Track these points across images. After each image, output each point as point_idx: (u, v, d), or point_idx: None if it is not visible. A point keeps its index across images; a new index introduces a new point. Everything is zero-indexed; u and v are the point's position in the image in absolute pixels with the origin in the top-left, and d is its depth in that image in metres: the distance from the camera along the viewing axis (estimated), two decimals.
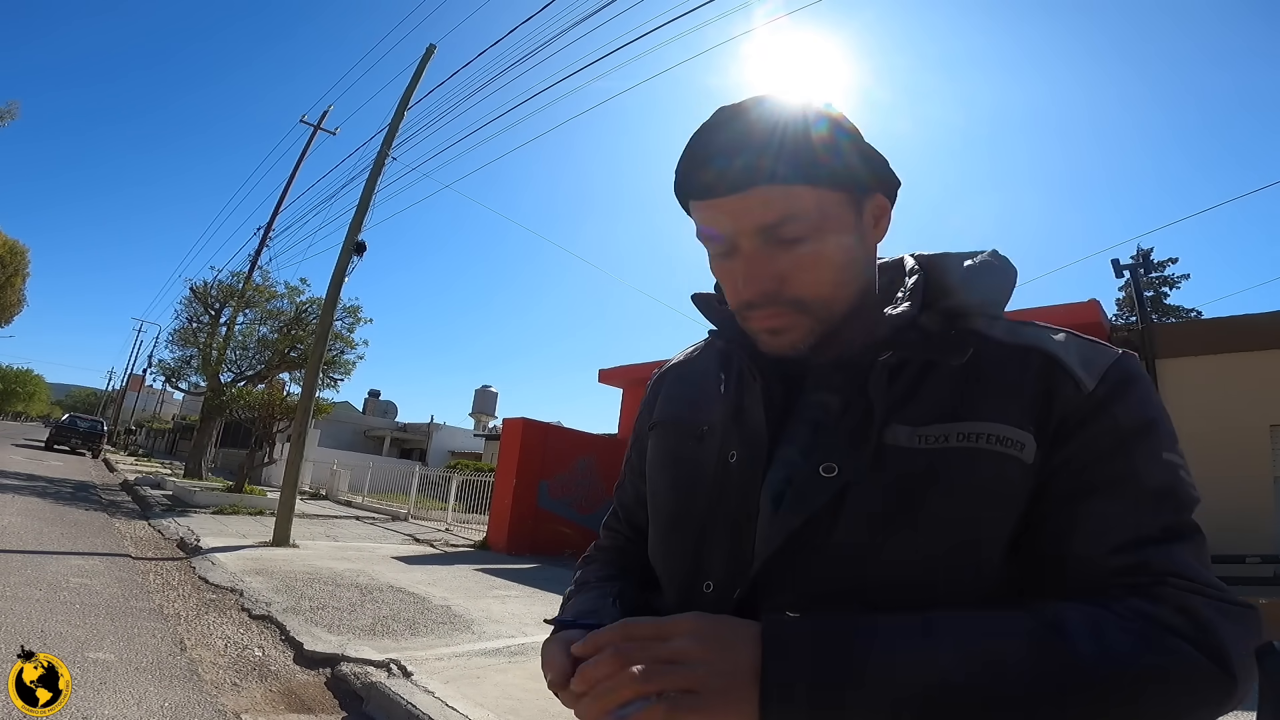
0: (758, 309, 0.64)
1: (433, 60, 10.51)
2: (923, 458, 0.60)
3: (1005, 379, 0.62)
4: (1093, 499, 0.58)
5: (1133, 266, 11.22)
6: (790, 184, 0.60)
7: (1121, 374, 0.62)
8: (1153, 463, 0.59)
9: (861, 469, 0.60)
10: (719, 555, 0.66)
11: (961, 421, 0.60)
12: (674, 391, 0.82)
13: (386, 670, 3.71)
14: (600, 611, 0.70)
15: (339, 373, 16.35)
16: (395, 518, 13.91)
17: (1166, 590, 0.53)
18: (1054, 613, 0.52)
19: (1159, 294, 28.60)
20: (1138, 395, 0.61)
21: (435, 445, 29.38)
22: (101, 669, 3.34)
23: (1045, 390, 0.61)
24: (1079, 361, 0.62)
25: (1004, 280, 0.69)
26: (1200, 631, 0.51)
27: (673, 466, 0.75)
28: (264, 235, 18.49)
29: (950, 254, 0.71)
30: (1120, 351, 0.65)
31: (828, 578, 0.60)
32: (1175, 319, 25.69)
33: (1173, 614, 0.51)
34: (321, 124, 19.30)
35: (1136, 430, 0.60)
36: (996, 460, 0.59)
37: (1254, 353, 7.45)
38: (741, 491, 0.66)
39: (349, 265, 9.48)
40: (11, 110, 24.01)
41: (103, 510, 9.62)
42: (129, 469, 19.21)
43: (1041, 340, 0.64)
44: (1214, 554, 2.31)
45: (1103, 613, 0.51)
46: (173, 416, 47.54)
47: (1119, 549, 0.56)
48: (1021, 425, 0.60)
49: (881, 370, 0.63)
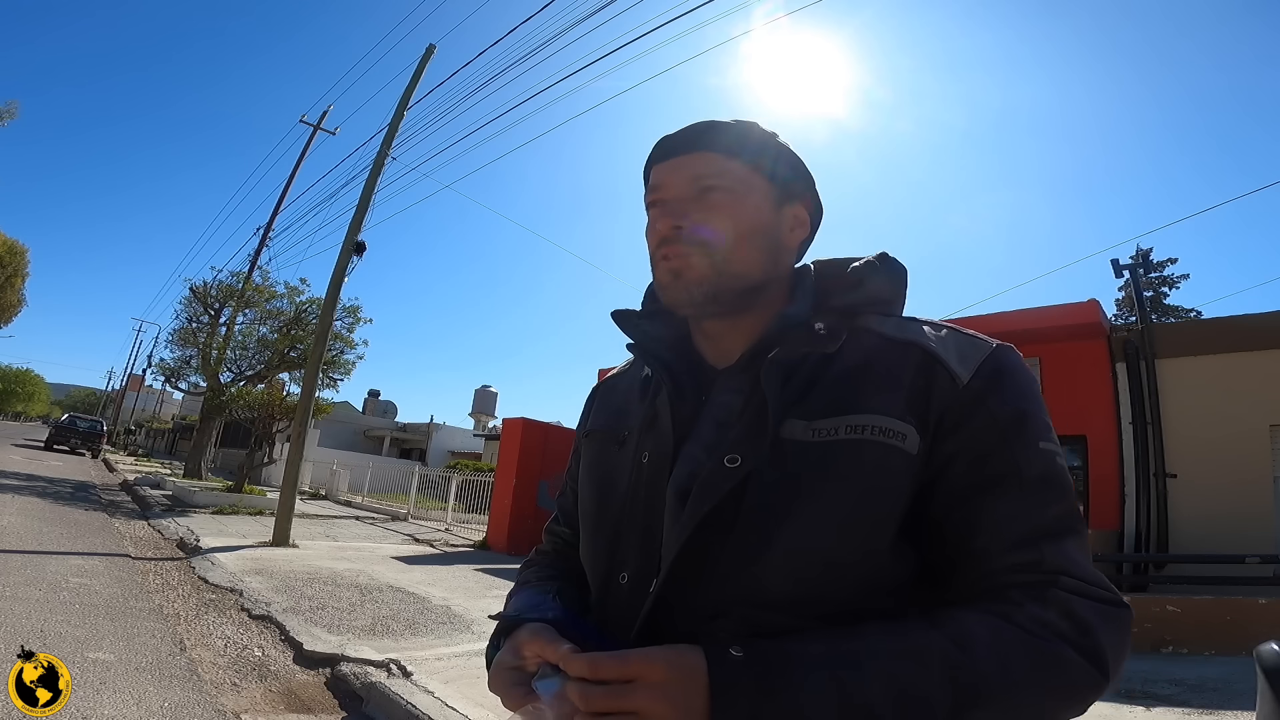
0: (667, 245, 0.72)
1: (433, 60, 10.51)
2: (816, 449, 0.64)
3: (888, 373, 0.67)
4: (983, 496, 0.62)
5: (1132, 266, 11.21)
6: (724, 154, 0.73)
7: (994, 366, 0.67)
8: (1031, 453, 0.63)
9: (762, 459, 0.64)
10: (633, 550, 0.71)
11: (849, 414, 0.65)
12: (605, 402, 0.88)
13: (386, 670, 3.71)
14: (542, 606, 0.74)
15: (339, 373, 16.36)
16: (395, 518, 13.90)
17: (1056, 593, 0.58)
18: (960, 629, 0.56)
19: (1159, 294, 28.58)
20: (1011, 387, 0.66)
21: (435, 445, 29.36)
22: (101, 669, 3.34)
23: (925, 384, 0.66)
24: (956, 356, 0.67)
25: (891, 279, 0.75)
26: (1083, 635, 0.56)
27: (597, 472, 0.80)
28: (264, 235, 18.49)
29: (839, 258, 0.78)
30: (995, 344, 0.69)
31: (732, 566, 0.63)
32: (1175, 319, 25.68)
33: (1060, 619, 0.57)
34: (321, 124, 19.29)
35: (1011, 421, 0.64)
36: (880, 450, 0.63)
37: (1254, 353, 7.44)
38: (650, 488, 0.71)
39: (349, 265, 9.47)
40: (11, 110, 24.02)
41: (102, 510, 9.62)
42: (129, 469, 19.20)
43: (921, 336, 0.69)
44: (1214, 554, 2.30)
45: (1002, 625, 0.56)
46: (172, 416, 47.51)
47: (1015, 545, 0.61)
48: (903, 417, 0.64)
49: (771, 366, 0.67)
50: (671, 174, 0.74)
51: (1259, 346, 7.41)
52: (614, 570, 0.72)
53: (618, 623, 0.69)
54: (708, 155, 0.73)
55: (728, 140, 0.74)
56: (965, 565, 0.62)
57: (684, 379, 0.76)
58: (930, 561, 0.65)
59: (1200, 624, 5.47)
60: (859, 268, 0.75)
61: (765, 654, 0.55)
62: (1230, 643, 5.17)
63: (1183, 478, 7.58)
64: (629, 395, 0.84)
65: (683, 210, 0.72)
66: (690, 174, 0.73)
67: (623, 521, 0.73)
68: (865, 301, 0.73)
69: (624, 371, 0.91)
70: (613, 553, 0.73)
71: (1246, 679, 1.97)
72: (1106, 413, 8.13)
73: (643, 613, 0.65)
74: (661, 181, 0.75)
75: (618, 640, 0.66)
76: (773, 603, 0.62)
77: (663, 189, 0.75)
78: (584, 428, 0.90)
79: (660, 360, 0.77)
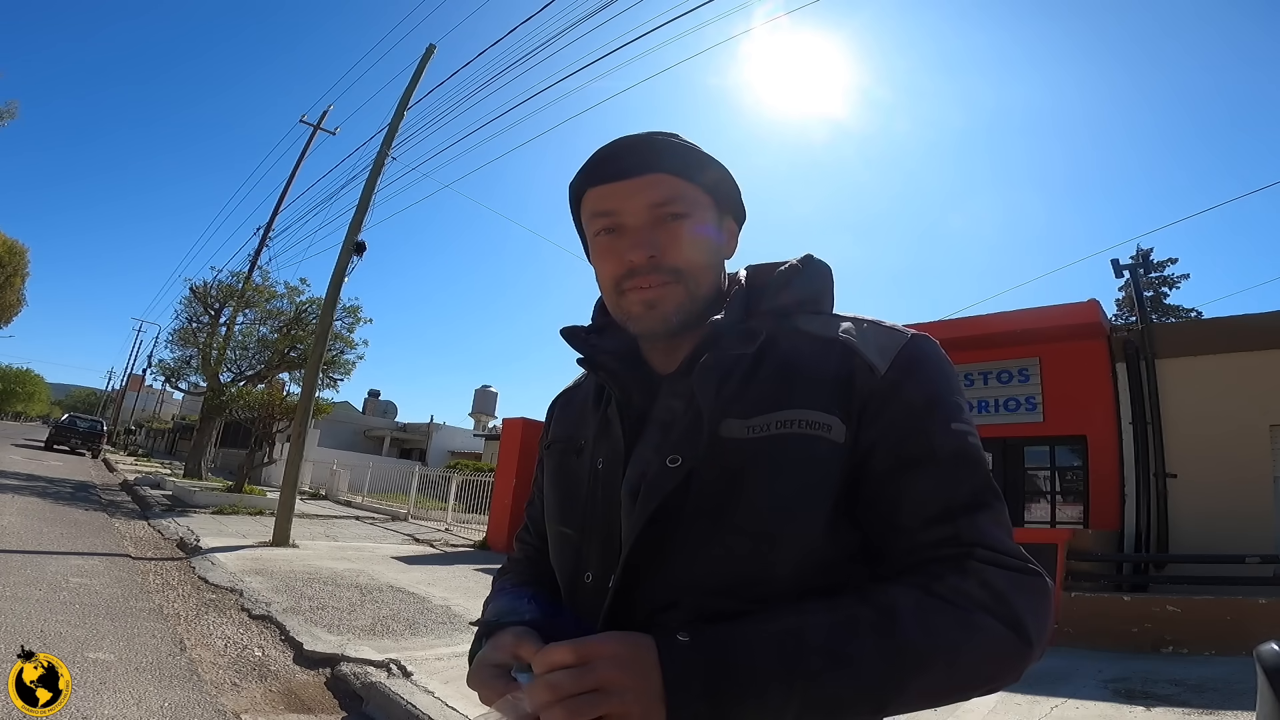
0: (639, 276, 0.73)
1: (433, 60, 10.51)
2: (751, 445, 0.68)
3: (814, 369, 0.71)
4: (902, 476, 0.67)
5: (1133, 266, 11.19)
6: (676, 175, 0.74)
7: (909, 356, 0.71)
8: (943, 434, 0.68)
9: (700, 457, 0.68)
10: (595, 550, 0.75)
11: (780, 410, 0.69)
12: (563, 414, 0.92)
13: (386, 670, 3.71)
14: (517, 610, 0.77)
15: (339, 373, 16.37)
16: (395, 518, 13.90)
17: (973, 564, 0.62)
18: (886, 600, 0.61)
19: (1159, 294, 28.58)
20: (924, 374, 0.70)
21: (435, 445, 29.35)
22: (101, 669, 3.34)
23: (846, 377, 0.70)
24: (875, 349, 0.71)
25: (815, 280, 0.80)
26: (998, 603, 0.61)
27: (559, 480, 0.84)
28: (264, 235, 18.49)
29: (767, 263, 0.82)
30: (910, 335, 0.73)
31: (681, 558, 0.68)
32: (1175, 319, 25.68)
33: (977, 588, 0.61)
34: (321, 124, 19.29)
35: (925, 406, 0.69)
36: (808, 441, 0.68)
37: (1254, 353, 7.43)
38: (607, 491, 0.75)
39: (349, 265, 9.47)
40: (11, 110, 24.00)
41: (102, 510, 9.62)
42: (129, 469, 19.20)
43: (843, 331, 0.73)
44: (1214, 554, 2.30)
45: (923, 596, 0.61)
46: (172, 416, 47.49)
47: (932, 520, 0.65)
48: (828, 409, 0.68)
49: (703, 371, 0.71)
50: (627, 199, 0.74)
51: (1259, 346, 7.40)
52: (579, 570, 0.76)
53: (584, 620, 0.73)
54: (662, 178, 0.74)
55: (677, 161, 0.75)
56: (891, 542, 0.67)
57: (632, 387, 0.79)
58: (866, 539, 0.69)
59: (1200, 624, 5.47)
60: (784, 271, 0.80)
61: (709, 638, 0.59)
62: (1230, 643, 5.17)
63: (1183, 478, 7.58)
64: (584, 406, 0.87)
65: (649, 239, 0.73)
66: (649, 199, 0.73)
67: (585, 524, 0.77)
68: (795, 303, 0.77)
69: (579, 384, 0.94)
70: (578, 554, 0.77)
71: (1246, 679, 1.97)
72: (1106, 413, 8.13)
73: (604, 607, 0.69)
74: (616, 207, 0.75)
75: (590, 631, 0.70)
76: (719, 588, 0.66)
77: (619, 214, 0.75)
78: (545, 440, 0.93)
79: (609, 372, 0.80)
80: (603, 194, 0.76)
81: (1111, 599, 6.09)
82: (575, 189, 0.80)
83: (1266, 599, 5.47)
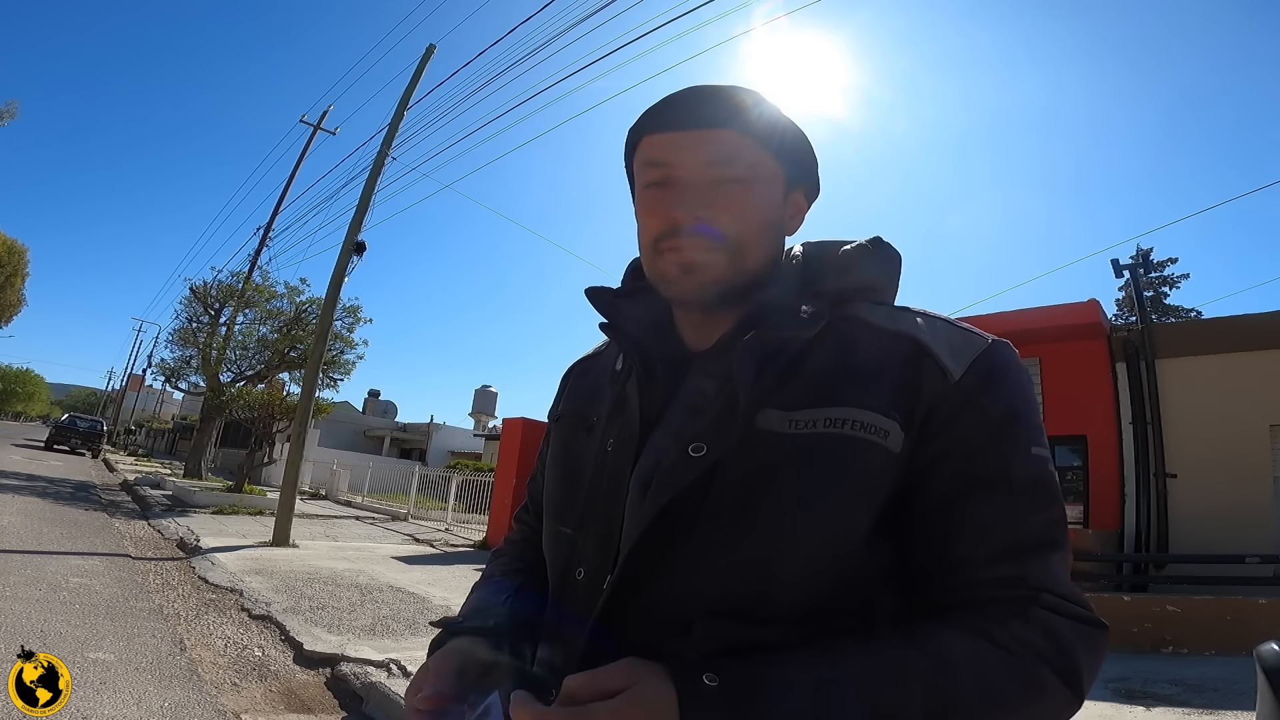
0: (680, 236, 0.65)
1: (433, 60, 10.51)
2: (791, 442, 0.60)
3: (874, 365, 0.62)
4: (967, 500, 0.59)
5: (1133, 266, 11.20)
6: (745, 135, 0.66)
7: (988, 363, 0.62)
8: (1022, 457, 0.60)
9: (730, 448, 0.60)
10: (591, 542, 0.67)
11: (830, 406, 0.61)
12: (578, 385, 0.83)
13: (386, 670, 3.71)
14: (488, 612, 0.71)
15: (339, 373, 16.37)
16: (395, 518, 13.90)
17: (1038, 611, 0.56)
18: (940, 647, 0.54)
19: (1159, 294, 28.58)
20: (1005, 385, 0.62)
21: (435, 445, 29.35)
22: (101, 669, 3.34)
23: (913, 378, 0.61)
24: (948, 350, 0.62)
25: (883, 265, 0.70)
26: (1061, 657, 0.54)
27: (563, 459, 0.76)
28: (264, 235, 18.49)
29: (830, 241, 0.73)
30: (991, 339, 0.65)
31: (693, 563, 0.60)
32: (1175, 319, 25.67)
33: (1041, 638, 0.54)
34: (321, 124, 19.29)
35: (1003, 422, 0.60)
36: (860, 445, 0.59)
37: (1254, 353, 7.43)
38: (613, 478, 0.67)
39: (349, 265, 9.47)
40: (11, 110, 24.01)
41: (102, 510, 9.62)
42: (129, 469, 19.20)
43: (913, 327, 0.64)
44: (1214, 554, 2.30)
45: (983, 645, 0.54)
46: (172, 416, 47.48)
47: (998, 556, 0.58)
48: (887, 413, 0.60)
49: (745, 350, 0.62)
50: (684, 151, 0.66)
51: (1259, 346, 7.41)
52: (571, 564, 0.68)
53: (572, 622, 0.65)
54: (726, 134, 0.65)
55: (747, 118, 0.66)
56: (943, 571, 0.59)
57: (657, 362, 0.70)
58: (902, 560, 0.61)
59: (1200, 624, 5.47)
60: (849, 251, 0.70)
61: (740, 681, 0.51)
62: (1230, 643, 5.17)
63: (1183, 478, 7.58)
64: (601, 378, 0.78)
65: (699, 199, 0.64)
66: (708, 155, 0.65)
67: (584, 512, 0.69)
68: (854, 288, 0.68)
69: (600, 353, 0.85)
70: (572, 546, 0.69)
71: (1246, 679, 1.97)
72: (1106, 413, 8.13)
73: (595, 612, 0.61)
74: (671, 159, 0.66)
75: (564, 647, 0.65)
76: (732, 602, 0.59)
77: (673, 167, 0.66)
78: (554, 411, 0.84)
79: (633, 341, 0.71)
80: (660, 142, 0.67)
81: (1111, 599, 6.08)
82: (633, 134, 0.71)
83: (1266, 599, 5.47)
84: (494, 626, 0.67)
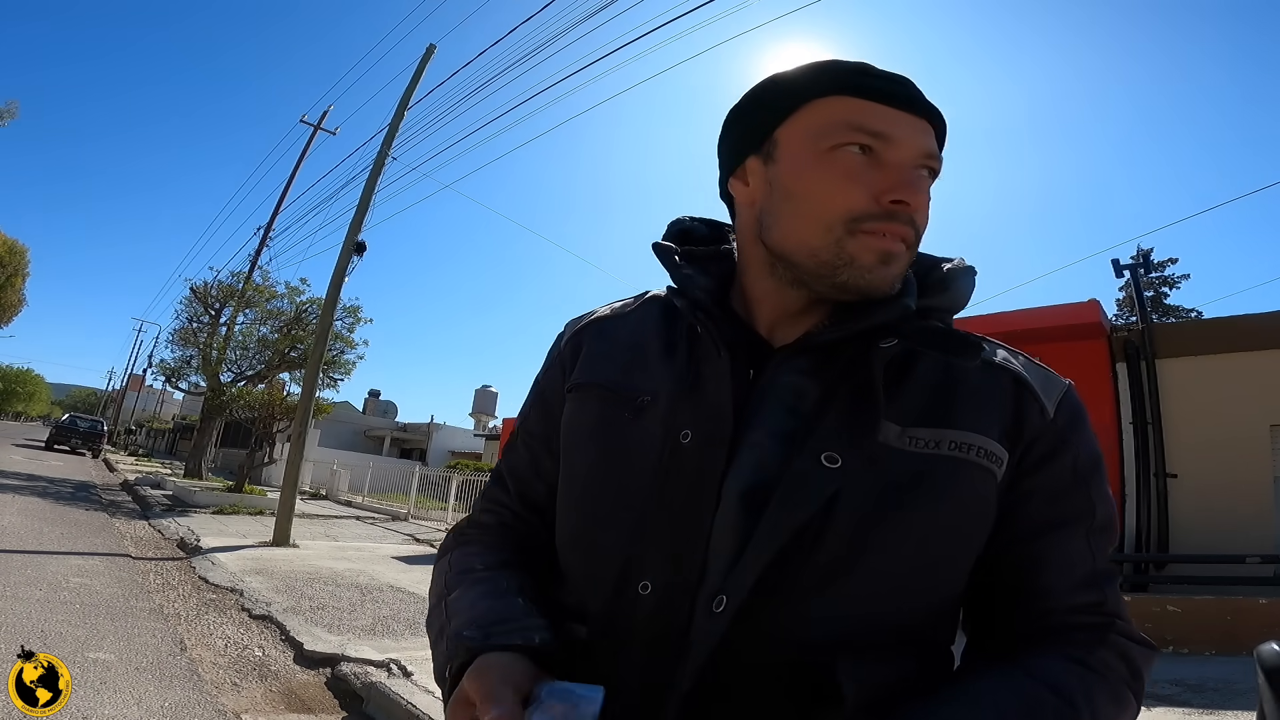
0: (892, 222, 0.58)
1: (433, 60, 10.51)
2: (915, 461, 0.57)
3: (983, 392, 0.62)
4: (1055, 533, 0.61)
5: (1133, 266, 11.18)
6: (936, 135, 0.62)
7: (1074, 404, 0.64)
8: (1103, 499, 0.63)
9: (861, 464, 0.56)
10: (659, 551, 0.58)
11: (950, 428, 0.59)
12: (600, 349, 0.70)
13: (387, 670, 3.71)
14: (510, 621, 0.58)
15: (339, 373, 16.36)
16: (395, 518, 13.90)
17: (1115, 638, 0.59)
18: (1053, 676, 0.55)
19: (1159, 294, 28.57)
20: (1088, 429, 0.65)
21: (435, 445, 29.34)
22: (101, 669, 3.33)
23: (1017, 411, 0.62)
24: (1040, 386, 0.64)
25: (968, 290, 0.68)
26: (1135, 679, 0.59)
27: (602, 441, 0.65)
28: (264, 235, 18.50)
29: (926, 254, 0.68)
30: (1068, 382, 0.66)
31: (814, 587, 0.55)
32: (1175, 319, 25.67)
33: (1119, 662, 0.58)
34: (321, 124, 19.30)
35: (1091, 465, 0.63)
36: (981, 474, 0.59)
37: (1254, 353, 7.43)
38: (696, 478, 0.58)
39: (349, 265, 9.47)
40: (11, 110, 24.01)
41: (103, 510, 9.61)
42: (129, 469, 19.20)
43: (1007, 360, 0.65)
44: (1214, 554, 2.31)
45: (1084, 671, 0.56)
46: (173, 416, 47.50)
47: (1080, 586, 0.61)
48: (1000, 441, 0.60)
49: (883, 358, 0.59)
50: (912, 135, 0.60)
51: (1259, 346, 7.40)
52: (630, 575, 0.59)
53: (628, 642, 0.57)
54: (929, 127, 0.61)
55: (940, 121, 0.63)
56: (1024, 598, 0.61)
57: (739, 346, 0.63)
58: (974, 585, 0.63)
59: (1200, 624, 5.47)
60: (953, 270, 0.66)
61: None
62: (1230, 643, 5.17)
63: (1183, 478, 7.57)
64: (643, 348, 0.68)
65: (918, 187, 0.59)
66: (925, 146, 0.60)
67: (647, 515, 0.59)
68: (943, 307, 0.65)
69: (622, 314, 0.74)
70: (629, 552, 0.59)
71: (1246, 679, 1.97)
72: (1107, 413, 8.12)
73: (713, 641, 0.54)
74: (897, 135, 0.59)
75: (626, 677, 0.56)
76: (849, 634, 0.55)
77: (895, 144, 0.59)
78: (564, 377, 0.72)
79: (712, 317, 0.63)
80: (879, 112, 0.59)
81: None
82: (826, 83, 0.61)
83: (1266, 599, 5.47)
84: (540, 644, 0.56)
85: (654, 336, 0.68)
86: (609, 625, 0.59)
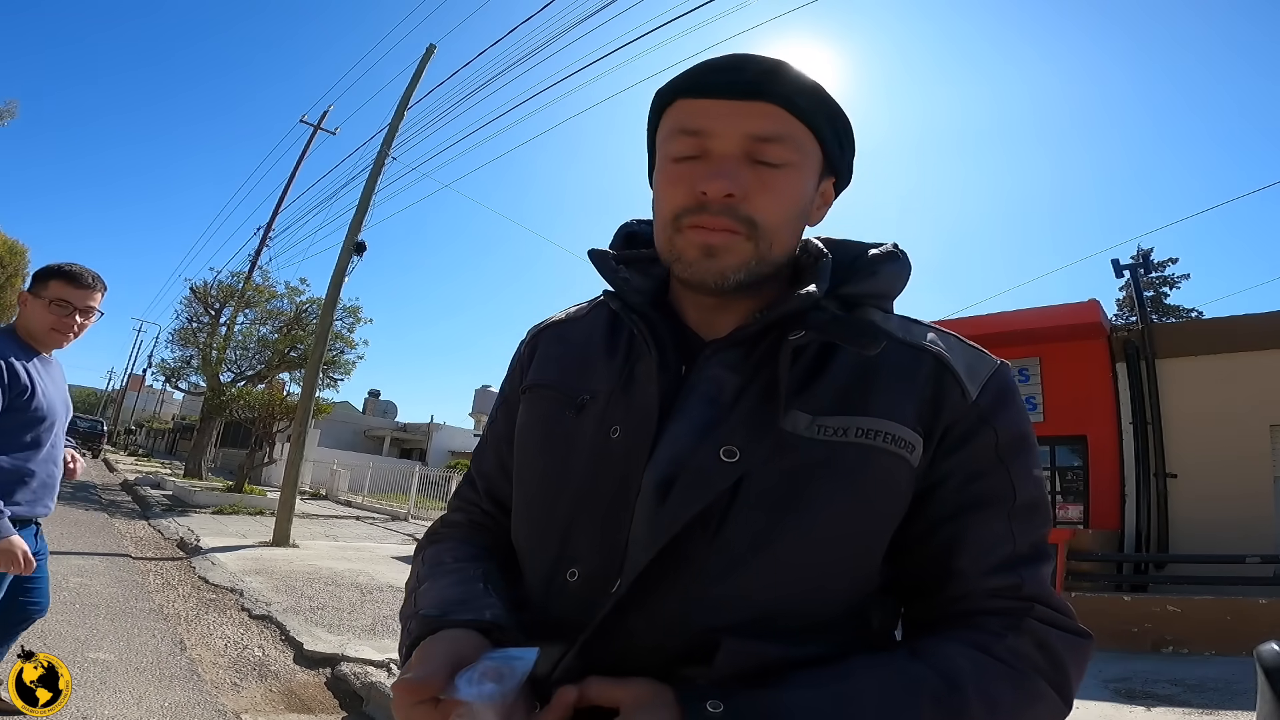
0: (706, 214, 0.60)
1: (433, 60, 10.52)
2: (821, 449, 0.58)
3: (899, 377, 0.62)
4: (971, 515, 0.60)
5: (1133, 266, 11.20)
6: (791, 113, 0.61)
7: (1001, 384, 0.64)
8: (1027, 480, 0.62)
9: (765, 455, 0.58)
10: (588, 541, 0.61)
11: (861, 416, 0.59)
12: (553, 352, 0.74)
13: (387, 670, 3.71)
14: (470, 601, 0.61)
15: (339, 373, 16.38)
16: (395, 518, 13.90)
17: (1032, 623, 0.57)
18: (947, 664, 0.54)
19: (1159, 294, 28.57)
20: (1015, 408, 0.64)
21: (435, 445, 29.34)
22: (101, 669, 3.33)
23: (934, 394, 0.61)
24: (965, 368, 0.63)
25: (902, 272, 0.68)
26: (1055, 670, 0.57)
27: (545, 437, 0.68)
28: (264, 235, 18.52)
29: (852, 241, 0.70)
30: (998, 361, 0.66)
31: (710, 573, 0.57)
32: (1175, 319, 25.68)
33: (1035, 650, 0.56)
34: (321, 124, 19.32)
35: (1015, 446, 0.62)
36: (891, 460, 0.59)
37: (1254, 353, 7.43)
38: (622, 471, 0.61)
39: (349, 265, 9.47)
40: (11, 109, 23.99)
41: (103, 510, 9.62)
42: (129, 469, 19.21)
43: (933, 342, 0.65)
44: (1214, 554, 2.30)
45: (984, 659, 0.55)
46: (173, 416, 47.48)
47: (996, 568, 0.59)
48: (913, 426, 0.60)
49: (789, 350, 0.59)
50: (724, 121, 0.60)
51: (1259, 346, 7.40)
52: (561, 563, 0.62)
53: (560, 626, 0.59)
54: (774, 110, 0.60)
55: (798, 96, 0.61)
56: (940, 582, 0.60)
57: (668, 344, 0.65)
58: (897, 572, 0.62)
59: (1200, 624, 5.47)
60: (877, 256, 0.67)
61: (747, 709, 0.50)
62: (1230, 643, 5.17)
63: (1183, 478, 7.58)
64: (589, 349, 0.71)
65: (734, 173, 0.59)
66: (750, 129, 0.60)
67: (579, 506, 0.62)
68: (873, 294, 0.66)
69: (576, 318, 0.77)
70: (563, 542, 0.62)
71: (1246, 679, 1.97)
72: (1107, 413, 8.13)
73: (596, 621, 0.57)
74: (710, 128, 0.60)
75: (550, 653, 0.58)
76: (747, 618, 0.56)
77: (708, 137, 0.60)
78: (521, 379, 0.75)
79: (647, 321, 0.65)
80: (696, 108, 0.61)
81: (1112, 599, 6.09)
82: (664, 95, 0.65)
83: (1266, 599, 5.48)
84: (490, 620, 0.58)
85: (601, 338, 0.71)
86: (542, 612, 0.62)
